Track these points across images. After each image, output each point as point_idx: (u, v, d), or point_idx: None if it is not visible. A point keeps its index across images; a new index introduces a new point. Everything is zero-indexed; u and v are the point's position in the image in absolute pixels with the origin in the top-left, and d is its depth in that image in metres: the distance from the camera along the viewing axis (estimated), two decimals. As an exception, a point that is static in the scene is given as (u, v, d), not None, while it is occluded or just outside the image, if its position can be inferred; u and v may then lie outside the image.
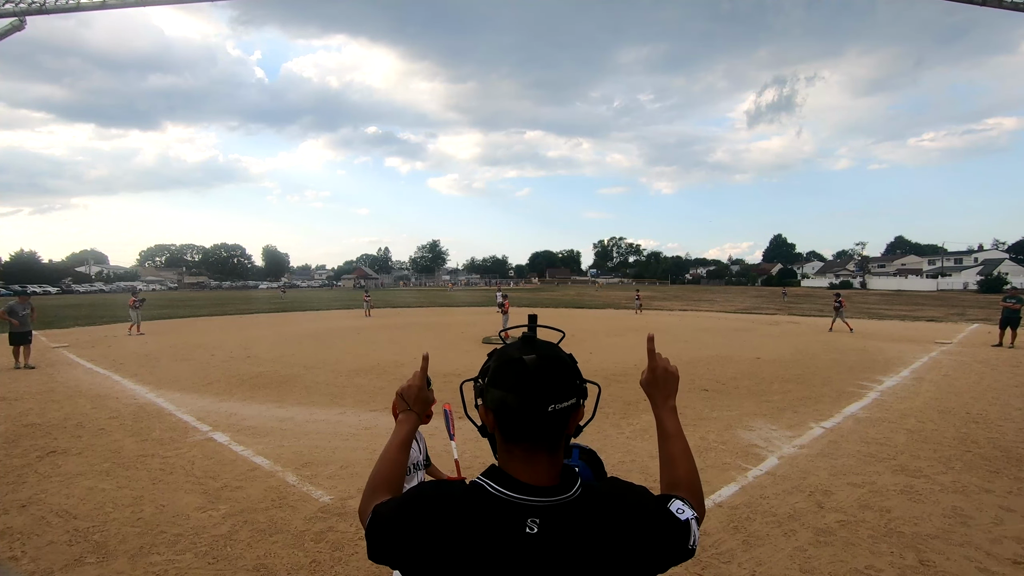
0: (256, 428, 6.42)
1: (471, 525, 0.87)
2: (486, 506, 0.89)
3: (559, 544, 0.85)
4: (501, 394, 0.91)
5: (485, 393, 0.96)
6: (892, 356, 12.25)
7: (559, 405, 0.90)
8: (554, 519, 0.87)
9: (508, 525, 0.86)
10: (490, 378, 0.95)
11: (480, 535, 0.86)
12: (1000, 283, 54.63)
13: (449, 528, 0.87)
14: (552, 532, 0.86)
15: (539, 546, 0.85)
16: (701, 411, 7.16)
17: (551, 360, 0.93)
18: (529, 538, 0.85)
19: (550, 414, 0.89)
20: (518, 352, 0.94)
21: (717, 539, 3.67)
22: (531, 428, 0.90)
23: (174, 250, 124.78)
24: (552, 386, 0.90)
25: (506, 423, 0.92)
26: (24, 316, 11.02)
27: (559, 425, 0.91)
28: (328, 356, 12.20)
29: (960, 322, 21.85)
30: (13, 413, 7.17)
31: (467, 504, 0.90)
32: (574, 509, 0.89)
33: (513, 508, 0.88)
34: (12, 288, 42.63)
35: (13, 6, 10.64)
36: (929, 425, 6.47)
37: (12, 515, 4.05)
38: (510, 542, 0.85)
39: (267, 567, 3.34)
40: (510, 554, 0.84)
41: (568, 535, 0.86)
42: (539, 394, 0.89)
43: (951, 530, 3.78)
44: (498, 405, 0.92)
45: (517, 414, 0.90)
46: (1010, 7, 9.63)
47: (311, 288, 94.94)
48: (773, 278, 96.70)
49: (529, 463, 0.92)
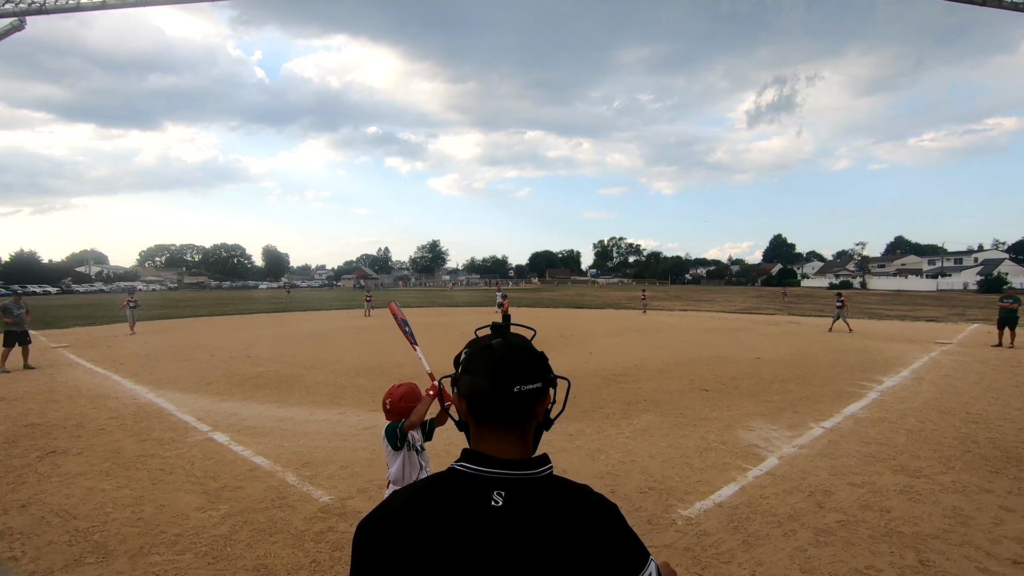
0: (256, 428, 6.42)
1: (439, 504, 0.90)
2: (454, 484, 0.92)
3: (524, 517, 0.87)
4: (472, 379, 0.97)
5: (459, 382, 1.01)
6: (892, 356, 12.26)
7: (524, 387, 0.95)
8: (520, 493, 0.90)
9: (474, 498, 0.89)
10: (463, 367, 1.00)
11: (448, 511, 0.89)
12: (1000, 283, 54.63)
13: (420, 516, 0.89)
14: (517, 505, 0.88)
15: (504, 518, 0.87)
16: (701, 411, 7.16)
17: (516, 346, 0.99)
18: (494, 510, 0.88)
19: (516, 394, 0.95)
20: (486, 340, 1.01)
21: (717, 539, 3.67)
22: (499, 408, 0.95)
23: (174, 250, 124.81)
24: (517, 368, 0.96)
25: (477, 406, 0.97)
26: (20, 315, 11.00)
27: (526, 406, 0.96)
28: (328, 356, 12.20)
29: (960, 322, 21.86)
30: (13, 413, 7.17)
31: (435, 487, 0.93)
32: (541, 487, 0.92)
33: (479, 481, 0.91)
34: (11, 288, 42.61)
35: (13, 6, 10.63)
36: (929, 425, 6.47)
37: (12, 515, 4.05)
38: (475, 515, 0.87)
39: (267, 567, 3.34)
40: (475, 526, 0.86)
41: (533, 510, 0.88)
42: (506, 375, 0.95)
43: (951, 530, 3.78)
44: (470, 390, 0.97)
45: (487, 396, 0.95)
46: (1010, 7, 9.63)
47: (311, 288, 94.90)
48: (773, 278, 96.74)
49: (498, 441, 0.96)
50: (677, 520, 3.96)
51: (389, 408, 2.90)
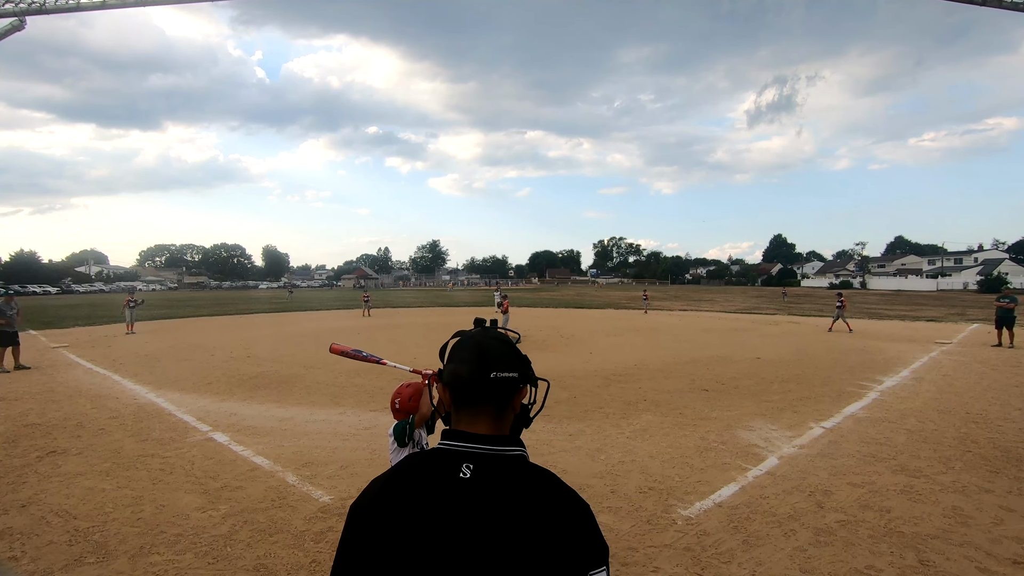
0: (256, 428, 6.42)
1: (414, 478, 0.96)
2: (430, 460, 0.98)
3: (489, 490, 0.91)
4: (454, 367, 1.04)
5: (443, 373, 1.07)
6: (892, 356, 12.26)
7: (501, 374, 1.01)
8: (487, 466, 0.94)
9: (444, 471, 0.94)
10: (447, 358, 1.08)
11: (421, 484, 0.94)
12: (1000, 283, 54.59)
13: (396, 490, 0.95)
14: (484, 478, 0.93)
15: (471, 490, 0.91)
16: (701, 411, 7.16)
17: (495, 338, 1.07)
18: (462, 482, 0.92)
19: (493, 380, 1.00)
20: (469, 332, 1.09)
21: (717, 539, 3.67)
22: (476, 392, 1.01)
23: (174, 250, 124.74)
24: (494, 356, 1.02)
25: (457, 391, 1.03)
26: (11, 316, 10.98)
27: (502, 392, 1.02)
28: (328, 356, 12.16)
29: (960, 322, 21.86)
30: (13, 413, 7.17)
31: (412, 463, 1.00)
32: (509, 464, 0.97)
33: (452, 456, 0.97)
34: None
35: (13, 6, 10.63)
36: (929, 425, 6.47)
37: (12, 515, 4.05)
38: (444, 486, 0.92)
39: (267, 567, 3.34)
40: (443, 498, 0.91)
41: (499, 484, 0.92)
42: (483, 362, 1.01)
43: (951, 530, 3.78)
44: (452, 378, 1.04)
45: (465, 381, 1.02)
46: (1010, 7, 9.63)
47: (311, 288, 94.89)
48: (773, 278, 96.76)
49: (472, 421, 1.01)
50: (677, 520, 3.96)
51: (398, 407, 2.91)
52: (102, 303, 38.51)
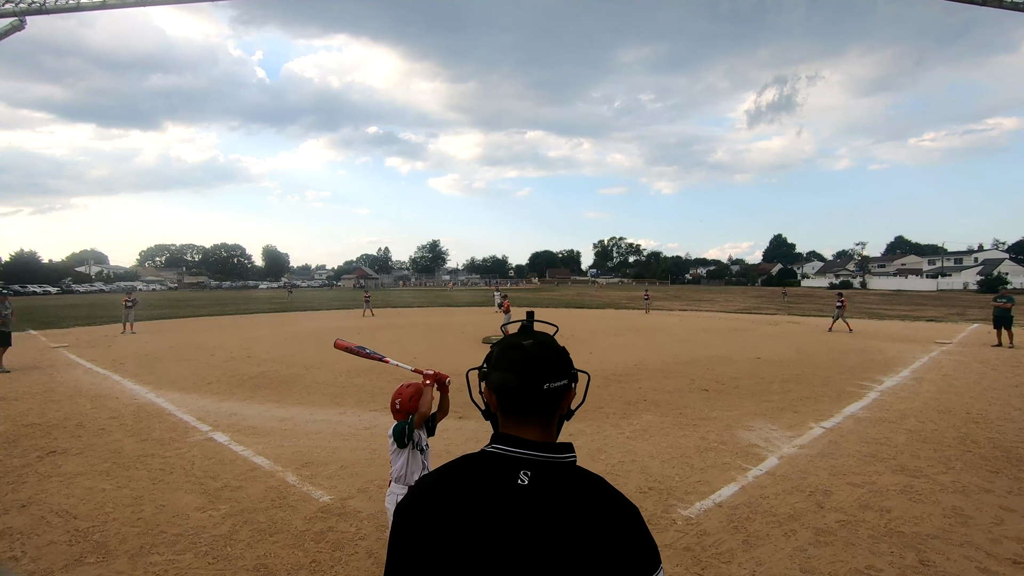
0: (256, 428, 6.42)
1: (467, 481, 0.95)
2: (483, 463, 0.98)
3: (548, 498, 0.91)
4: (503, 375, 1.02)
5: (488, 377, 1.06)
6: (892, 356, 12.26)
7: (553, 384, 1.01)
8: (545, 474, 0.94)
9: (501, 477, 0.94)
10: (493, 363, 1.06)
11: (475, 488, 0.94)
12: (1000, 283, 54.58)
13: (449, 492, 0.94)
14: (542, 485, 0.93)
15: (529, 497, 0.91)
16: (701, 411, 7.16)
17: (546, 346, 1.05)
18: (520, 488, 0.92)
19: (545, 391, 1.00)
20: (518, 339, 1.06)
21: (717, 539, 3.67)
22: (529, 403, 1.01)
23: (174, 250, 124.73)
24: (547, 367, 1.01)
25: (507, 400, 1.03)
26: (7, 316, 10.97)
27: (553, 402, 1.02)
28: (328, 356, 12.18)
29: (960, 322, 21.86)
30: (13, 413, 7.17)
31: (464, 465, 0.99)
32: (564, 471, 0.97)
33: (507, 461, 0.96)
34: (9, 288, 42.66)
35: (13, 6, 10.63)
36: (929, 425, 6.47)
37: (12, 515, 4.05)
38: (502, 492, 0.92)
39: (267, 567, 3.34)
40: (501, 503, 0.91)
41: (557, 492, 0.92)
42: (536, 374, 1.00)
43: (951, 530, 3.78)
44: (500, 385, 1.03)
45: (517, 392, 1.01)
46: (1010, 7, 9.62)
47: (311, 288, 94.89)
48: (773, 278, 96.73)
49: (522, 426, 1.01)
50: (677, 520, 3.96)
51: (399, 408, 2.92)
52: (102, 303, 38.50)
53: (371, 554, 3.48)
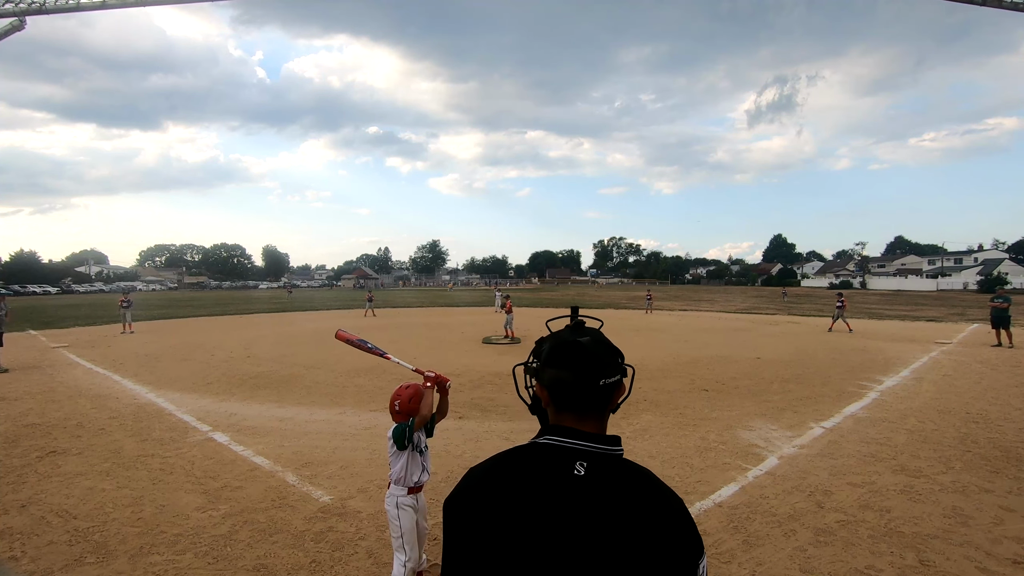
0: (256, 428, 6.42)
1: (522, 471, 0.97)
2: (537, 453, 0.99)
3: (604, 488, 0.93)
4: (557, 372, 1.03)
5: (541, 373, 1.07)
6: (892, 356, 12.26)
7: (608, 380, 1.03)
8: (600, 465, 0.96)
9: (558, 467, 0.96)
10: (546, 359, 1.06)
11: (531, 478, 0.95)
12: (1000, 283, 54.58)
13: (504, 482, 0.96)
14: (598, 476, 0.95)
15: (586, 487, 0.93)
16: (701, 411, 7.16)
17: (601, 343, 1.07)
18: (577, 479, 0.94)
19: (601, 387, 1.02)
20: (572, 335, 1.07)
21: (717, 539, 3.67)
22: (585, 399, 1.02)
23: (174, 250, 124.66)
24: (603, 364, 1.03)
25: (561, 396, 1.04)
26: (1, 316, 10.98)
27: (607, 397, 1.04)
28: (328, 356, 12.18)
29: (960, 322, 21.86)
30: (13, 413, 7.17)
31: (516, 456, 1.00)
32: (617, 463, 0.99)
33: (563, 452, 0.98)
34: (8, 288, 42.58)
35: (13, 6, 10.63)
36: (929, 425, 6.47)
37: (12, 515, 4.05)
38: (559, 483, 0.93)
39: (267, 567, 3.34)
40: (559, 493, 0.92)
41: (612, 483, 0.94)
42: (593, 370, 1.02)
43: (951, 530, 3.78)
44: (554, 381, 1.04)
45: (572, 388, 1.02)
46: (1010, 7, 9.62)
47: (311, 288, 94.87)
48: (773, 278, 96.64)
49: (578, 422, 1.03)
50: (677, 520, 3.95)
51: (398, 409, 2.91)
52: (102, 303, 38.49)
53: (371, 554, 3.48)
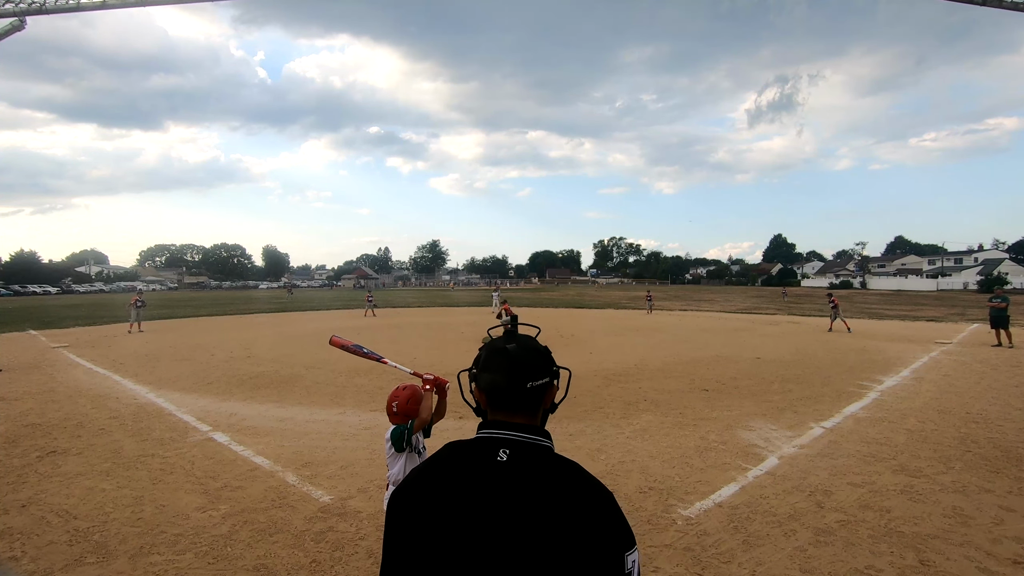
0: (256, 428, 6.42)
1: (453, 462, 1.05)
2: (468, 446, 1.08)
3: (526, 473, 0.99)
4: (491, 376, 1.13)
5: (478, 378, 1.16)
6: (892, 356, 12.25)
7: (535, 382, 1.11)
8: (523, 452, 1.03)
9: (482, 455, 1.03)
10: (481, 365, 1.16)
11: (460, 467, 1.03)
12: (1000, 283, 54.56)
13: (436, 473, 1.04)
14: (520, 462, 1.01)
15: (508, 472, 0.99)
16: (701, 411, 7.16)
17: (528, 348, 1.15)
18: (499, 465, 1.00)
19: (529, 389, 1.10)
20: (502, 343, 1.16)
21: (717, 539, 3.67)
22: (514, 400, 1.11)
23: (174, 250, 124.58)
24: (530, 367, 1.11)
25: (493, 398, 1.13)
26: None
27: (537, 398, 1.13)
28: (328, 356, 12.18)
29: (960, 322, 21.85)
30: (13, 413, 7.17)
31: (451, 449, 1.09)
32: (544, 453, 1.05)
33: (487, 441, 1.06)
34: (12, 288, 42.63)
35: (13, 6, 10.63)
36: (929, 425, 6.47)
37: (12, 515, 4.05)
38: (482, 469, 1.00)
39: (267, 567, 3.34)
40: (482, 478, 0.99)
41: (534, 469, 1.00)
42: (520, 374, 1.10)
43: (951, 530, 3.78)
44: (489, 386, 1.13)
45: (504, 391, 1.11)
46: (1010, 7, 9.62)
47: (311, 288, 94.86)
48: (773, 278, 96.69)
49: (508, 418, 1.11)
50: (677, 520, 3.96)
51: (396, 411, 2.89)
52: (102, 303, 38.51)
53: (371, 554, 3.48)
